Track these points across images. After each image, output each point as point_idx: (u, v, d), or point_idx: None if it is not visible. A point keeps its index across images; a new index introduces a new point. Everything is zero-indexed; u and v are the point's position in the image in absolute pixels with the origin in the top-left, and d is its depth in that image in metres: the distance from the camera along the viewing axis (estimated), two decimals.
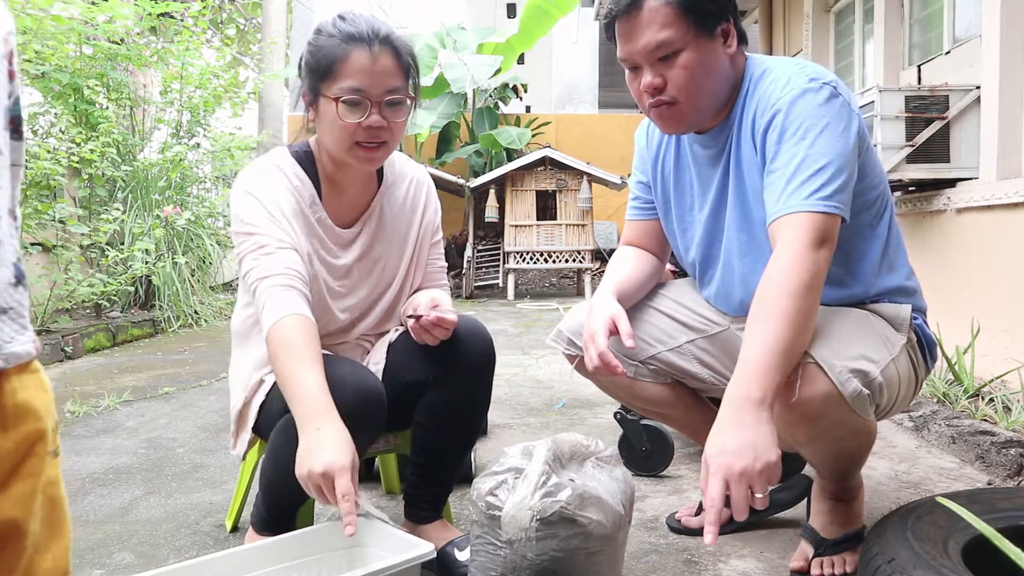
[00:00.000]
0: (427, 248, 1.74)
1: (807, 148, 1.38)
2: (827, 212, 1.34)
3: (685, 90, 1.46)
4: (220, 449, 2.56)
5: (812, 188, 1.35)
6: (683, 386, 1.81)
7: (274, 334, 1.40)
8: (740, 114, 1.52)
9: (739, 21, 1.52)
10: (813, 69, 1.46)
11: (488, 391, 1.63)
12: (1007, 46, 2.94)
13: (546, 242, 7.69)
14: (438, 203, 1.79)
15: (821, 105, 1.40)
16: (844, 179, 1.37)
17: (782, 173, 1.40)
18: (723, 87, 1.51)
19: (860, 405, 1.35)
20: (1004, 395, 2.64)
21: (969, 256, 3.15)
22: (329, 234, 1.61)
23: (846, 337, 1.39)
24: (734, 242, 1.57)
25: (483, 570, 1.34)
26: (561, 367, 3.97)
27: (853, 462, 1.53)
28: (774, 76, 1.48)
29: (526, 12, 8.49)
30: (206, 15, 6.92)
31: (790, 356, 1.28)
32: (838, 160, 1.37)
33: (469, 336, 1.56)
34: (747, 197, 1.53)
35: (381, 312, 1.69)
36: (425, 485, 1.64)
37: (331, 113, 1.47)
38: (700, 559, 1.66)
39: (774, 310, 1.28)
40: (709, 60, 1.46)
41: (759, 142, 1.47)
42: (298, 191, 1.56)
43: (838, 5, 5.17)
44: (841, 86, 1.45)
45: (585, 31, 11.20)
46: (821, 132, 1.38)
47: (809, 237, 1.33)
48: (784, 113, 1.42)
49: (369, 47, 1.45)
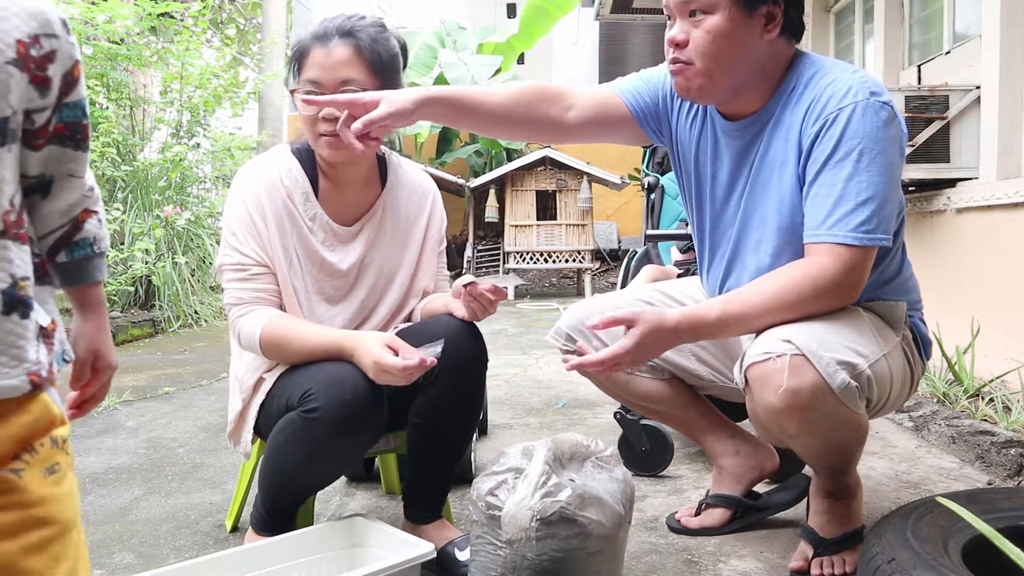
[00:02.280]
0: (434, 256, 1.75)
1: (861, 174, 1.38)
2: (869, 246, 1.38)
3: (704, 55, 1.43)
4: (220, 449, 2.56)
5: (859, 220, 1.37)
6: (681, 383, 1.81)
7: (267, 334, 1.51)
8: (780, 112, 1.49)
9: (795, 12, 1.46)
10: (873, 81, 1.43)
11: (481, 389, 1.63)
12: (1007, 46, 2.94)
13: (546, 242, 7.70)
14: (444, 213, 1.80)
15: (880, 128, 1.39)
16: (890, 209, 1.40)
17: (829, 193, 1.40)
18: (748, 68, 1.46)
19: (849, 397, 1.35)
20: (1004, 395, 2.64)
21: (969, 256, 3.14)
22: (326, 230, 1.62)
23: (835, 331, 1.39)
24: (748, 239, 1.57)
25: (483, 570, 1.34)
26: (561, 367, 3.97)
27: (845, 457, 1.53)
28: (830, 80, 1.43)
29: (526, 12, 8.50)
30: (206, 15, 6.93)
31: (739, 330, 1.46)
32: (887, 190, 1.39)
33: (459, 334, 1.56)
34: (769, 198, 1.51)
35: (385, 315, 1.68)
36: (423, 485, 1.64)
37: (298, 106, 1.52)
38: (700, 559, 1.66)
39: (763, 296, 1.41)
40: (739, 34, 1.42)
41: (806, 146, 1.44)
42: (288, 190, 1.58)
43: (838, 5, 5.17)
44: (895, 105, 1.43)
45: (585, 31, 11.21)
46: (876, 158, 1.38)
47: (844, 275, 1.39)
48: (842, 127, 1.39)
49: (327, 42, 1.52)
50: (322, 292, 1.62)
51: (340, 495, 2.08)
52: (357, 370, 1.44)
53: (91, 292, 1.01)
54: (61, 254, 0.95)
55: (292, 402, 1.44)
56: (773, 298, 1.41)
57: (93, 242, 0.97)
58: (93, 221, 0.96)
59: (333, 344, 1.48)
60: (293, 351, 1.50)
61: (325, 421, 1.38)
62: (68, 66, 0.85)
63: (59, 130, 0.87)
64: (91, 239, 0.96)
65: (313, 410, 1.38)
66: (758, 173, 1.52)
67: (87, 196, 0.95)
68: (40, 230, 0.93)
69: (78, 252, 0.95)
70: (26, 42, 0.78)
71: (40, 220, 0.92)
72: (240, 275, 1.56)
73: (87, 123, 0.91)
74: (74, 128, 0.89)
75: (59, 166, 0.89)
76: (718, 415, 1.87)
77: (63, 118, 0.87)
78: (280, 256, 1.56)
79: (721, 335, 1.53)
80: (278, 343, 1.51)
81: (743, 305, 1.43)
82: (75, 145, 0.89)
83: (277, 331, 1.50)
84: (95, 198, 0.97)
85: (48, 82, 0.82)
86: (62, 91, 0.85)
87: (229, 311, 1.57)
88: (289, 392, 1.47)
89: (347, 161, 1.58)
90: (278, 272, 1.56)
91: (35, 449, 0.80)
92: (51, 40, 0.81)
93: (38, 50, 0.80)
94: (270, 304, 1.55)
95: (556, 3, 8.28)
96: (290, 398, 1.45)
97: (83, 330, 1.02)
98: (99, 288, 1.02)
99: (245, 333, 1.53)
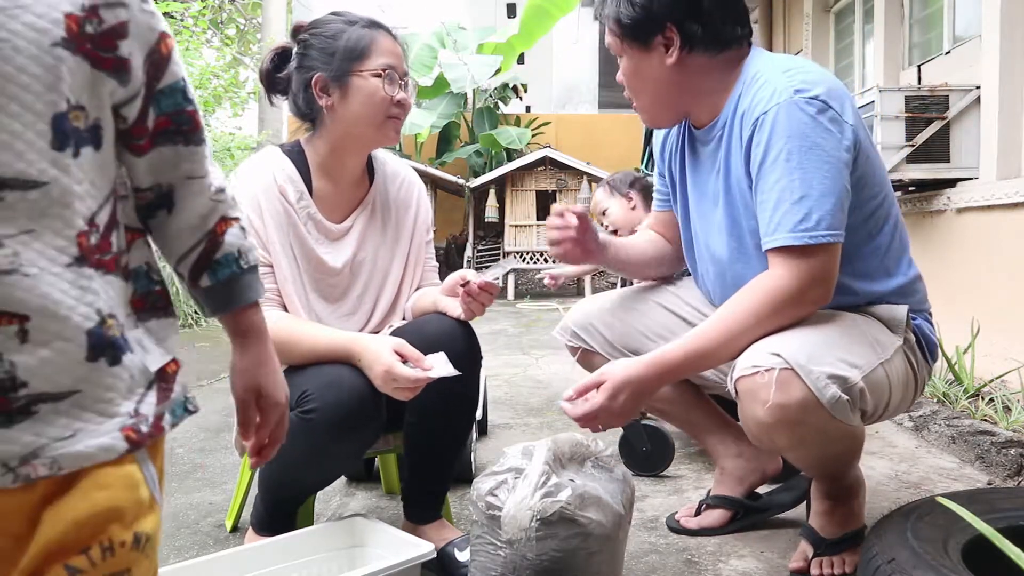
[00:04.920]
0: (423, 246, 1.76)
1: (793, 172, 1.36)
2: (814, 244, 1.35)
3: (632, 93, 1.59)
4: (220, 449, 2.56)
5: (797, 218, 1.35)
6: (686, 383, 1.81)
7: (272, 335, 1.43)
8: (732, 115, 1.51)
9: (699, 26, 1.47)
10: (803, 76, 1.41)
11: (476, 386, 1.63)
12: (1007, 46, 2.94)
13: (546, 242, 7.70)
14: (428, 201, 1.83)
15: (807, 123, 1.37)
16: (832, 202, 1.36)
17: (767, 199, 1.39)
18: (672, 93, 1.54)
19: (840, 411, 1.33)
20: (1004, 395, 2.64)
21: (969, 256, 3.15)
22: (320, 228, 1.62)
23: (828, 341, 1.37)
24: (727, 247, 1.57)
25: (483, 570, 1.34)
26: (561, 367, 3.97)
27: (840, 466, 1.52)
28: (762, 83, 1.44)
29: (526, 12, 8.50)
30: (206, 15, 6.93)
31: (710, 363, 1.45)
32: (826, 183, 1.35)
33: (456, 334, 1.56)
34: (735, 203, 1.52)
35: (383, 312, 1.69)
36: (421, 484, 1.64)
37: (368, 89, 1.54)
38: (700, 559, 1.66)
39: (723, 323, 1.41)
40: (643, 69, 1.54)
41: (744, 152, 1.46)
42: (283, 188, 1.58)
43: (838, 5, 5.17)
44: (832, 94, 1.40)
45: (585, 31, 11.21)
46: (807, 153, 1.36)
47: (798, 280, 1.37)
48: (768, 132, 1.39)
49: (389, 32, 1.59)
50: (319, 290, 1.62)
51: (340, 495, 2.08)
52: (355, 371, 1.44)
53: (245, 317, 0.84)
54: (204, 277, 0.79)
55: (290, 403, 1.43)
56: (734, 324, 1.40)
57: (239, 256, 0.80)
58: (234, 231, 0.80)
59: (340, 347, 1.47)
60: (299, 352, 1.50)
61: (322, 422, 1.38)
62: (151, 41, 0.70)
63: (162, 125, 0.73)
64: (235, 253, 0.80)
65: (311, 411, 1.39)
66: (725, 179, 1.54)
67: (218, 201, 0.78)
68: (175, 252, 0.78)
69: (222, 272, 0.79)
70: (79, 16, 0.63)
71: (171, 240, 0.78)
72: None
73: (193, 109, 0.75)
74: (179, 119, 0.74)
75: (174, 170, 0.75)
76: (722, 416, 1.86)
77: (162, 108, 0.72)
78: (280, 255, 1.56)
79: (695, 371, 1.52)
80: (284, 344, 1.49)
81: (705, 340, 1.41)
82: (185, 140, 0.75)
83: (283, 332, 1.49)
84: (229, 202, 0.80)
85: (124, 65, 0.67)
86: (150, 75, 0.70)
87: None
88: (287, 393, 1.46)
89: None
90: (277, 272, 1.56)
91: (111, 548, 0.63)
92: (116, 10, 0.66)
93: (96, 25, 0.65)
94: (272, 304, 1.55)
95: (556, 3, 8.28)
96: (287, 399, 1.45)
97: (240, 364, 0.85)
98: (256, 312, 0.85)
99: None
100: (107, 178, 0.69)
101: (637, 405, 1.42)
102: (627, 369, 1.40)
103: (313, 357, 1.49)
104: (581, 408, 1.40)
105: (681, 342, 1.43)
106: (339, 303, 1.65)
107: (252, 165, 1.61)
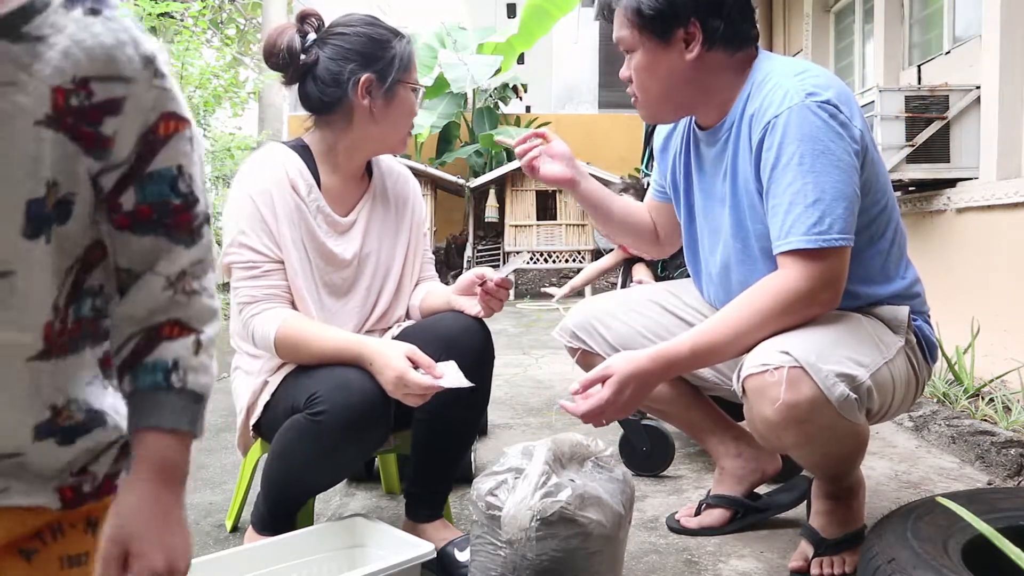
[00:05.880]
0: (421, 238, 1.78)
1: (805, 176, 1.37)
2: (827, 247, 1.36)
3: (640, 89, 1.56)
4: (220, 449, 2.56)
5: (810, 221, 1.36)
6: (684, 382, 1.81)
7: (281, 336, 1.49)
8: (739, 117, 1.51)
9: (721, 23, 1.47)
10: (814, 80, 1.42)
11: (487, 386, 1.63)
12: (1007, 46, 2.93)
13: (546, 242, 7.69)
14: (422, 195, 1.85)
15: (820, 127, 1.37)
16: (844, 206, 1.37)
17: (780, 203, 1.40)
18: (685, 90, 1.52)
19: (848, 410, 1.33)
20: (1004, 395, 2.64)
21: (969, 256, 3.14)
22: (328, 221, 1.62)
23: (834, 340, 1.38)
24: (731, 249, 1.57)
25: (483, 570, 1.34)
26: (561, 367, 3.97)
27: (844, 465, 1.52)
28: (772, 86, 1.45)
29: (526, 12, 8.50)
30: (206, 15, 6.93)
31: (716, 359, 1.47)
32: (838, 187, 1.36)
33: (466, 332, 1.56)
34: (742, 206, 1.52)
35: (386, 304, 1.69)
36: (425, 483, 1.64)
37: (409, 101, 1.62)
38: (700, 559, 1.66)
39: (731, 321, 1.41)
40: (660, 64, 1.51)
41: (754, 155, 1.46)
42: (294, 182, 1.57)
43: (838, 5, 5.17)
44: (842, 98, 1.41)
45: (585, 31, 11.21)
46: (819, 157, 1.36)
47: (808, 282, 1.37)
48: (779, 135, 1.39)
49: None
50: (329, 285, 1.62)
51: (340, 495, 2.08)
52: (365, 374, 1.43)
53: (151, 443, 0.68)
54: (126, 380, 0.68)
55: (298, 404, 1.43)
56: (742, 321, 1.40)
57: (172, 369, 0.67)
58: (185, 342, 0.68)
59: (350, 349, 1.47)
60: (308, 353, 1.49)
61: (331, 424, 1.38)
62: (149, 121, 0.63)
63: (143, 213, 0.65)
64: (169, 364, 0.67)
65: (319, 413, 1.38)
66: (732, 181, 1.54)
67: (179, 302, 0.68)
68: (113, 342, 0.69)
69: (144, 379, 0.67)
70: (67, 89, 0.59)
71: (113, 328, 0.69)
72: (251, 273, 1.53)
73: (180, 204, 0.66)
74: (162, 210, 0.65)
75: (150, 262, 0.67)
76: (721, 416, 1.86)
77: (146, 196, 0.65)
78: (291, 250, 1.55)
79: (699, 366, 1.53)
80: (294, 345, 1.49)
81: (713, 335, 1.42)
82: (168, 236, 0.66)
83: (293, 332, 1.48)
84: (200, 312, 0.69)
85: (105, 142, 0.62)
86: (140, 155, 0.64)
87: (241, 310, 1.54)
88: (295, 394, 1.46)
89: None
90: (288, 266, 1.54)
91: (61, 529, 0.65)
92: (111, 85, 0.60)
93: (84, 98, 0.60)
94: (282, 301, 1.54)
95: (556, 3, 8.28)
96: (296, 400, 1.45)
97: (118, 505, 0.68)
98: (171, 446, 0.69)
99: (259, 333, 1.50)
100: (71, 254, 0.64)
101: (642, 398, 1.43)
102: (632, 362, 1.40)
103: (322, 358, 1.48)
104: (586, 405, 1.40)
105: (688, 336, 1.44)
106: (348, 296, 1.65)
107: (260, 160, 1.60)
